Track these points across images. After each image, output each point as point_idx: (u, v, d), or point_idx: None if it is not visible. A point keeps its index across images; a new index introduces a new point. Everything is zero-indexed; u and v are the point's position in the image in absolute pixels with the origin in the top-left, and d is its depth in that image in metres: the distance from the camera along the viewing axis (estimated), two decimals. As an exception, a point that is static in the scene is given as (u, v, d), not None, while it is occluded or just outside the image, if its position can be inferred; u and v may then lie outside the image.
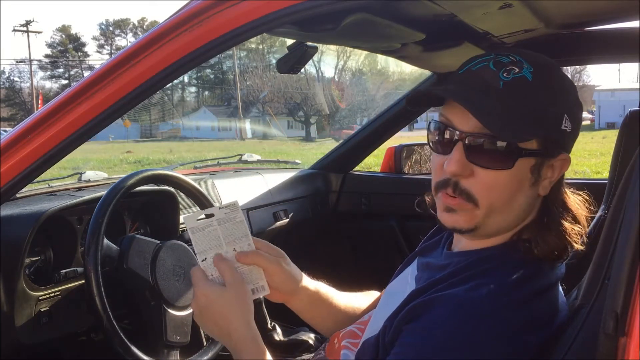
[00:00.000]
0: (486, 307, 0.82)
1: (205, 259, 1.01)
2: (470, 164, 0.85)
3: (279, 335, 1.64)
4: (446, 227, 0.91)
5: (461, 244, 0.98)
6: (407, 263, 1.11)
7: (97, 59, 60.36)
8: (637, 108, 1.67)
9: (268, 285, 1.06)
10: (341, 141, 2.67)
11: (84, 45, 63.30)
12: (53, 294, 1.40)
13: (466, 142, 0.85)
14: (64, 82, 57.68)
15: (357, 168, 2.64)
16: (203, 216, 1.04)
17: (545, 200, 0.90)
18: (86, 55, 62.67)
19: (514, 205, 0.88)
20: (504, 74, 0.85)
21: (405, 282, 1.04)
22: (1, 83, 54.34)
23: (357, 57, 38.18)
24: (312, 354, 1.22)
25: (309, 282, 1.13)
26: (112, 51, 60.42)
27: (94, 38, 67.59)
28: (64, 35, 61.90)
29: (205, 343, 1.58)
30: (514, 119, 0.83)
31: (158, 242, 1.48)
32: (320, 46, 1.57)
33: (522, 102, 0.84)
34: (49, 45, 61.74)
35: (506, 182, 0.85)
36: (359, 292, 1.25)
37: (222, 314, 0.97)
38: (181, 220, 1.77)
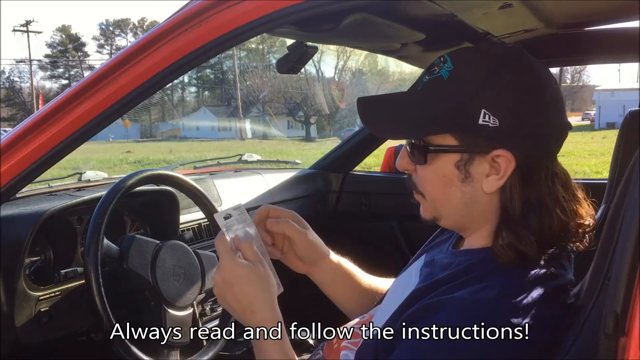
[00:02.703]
0: (491, 310, 0.81)
1: (240, 256, 1.01)
2: (411, 162, 0.94)
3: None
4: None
5: (465, 242, 0.98)
6: (415, 258, 1.11)
7: (97, 59, 60.42)
8: (637, 108, 1.67)
9: (296, 262, 1.13)
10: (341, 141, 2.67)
11: (84, 45, 63.36)
12: (53, 294, 1.40)
13: (407, 143, 0.95)
14: (64, 82, 57.70)
15: (357, 168, 2.64)
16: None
17: (503, 199, 0.89)
18: (86, 55, 62.74)
19: (451, 198, 0.91)
20: (426, 76, 0.92)
21: (409, 277, 1.03)
22: (1, 83, 54.38)
23: (357, 57, 38.18)
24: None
25: (332, 255, 1.17)
26: (112, 51, 60.42)
27: (94, 38, 67.63)
28: (64, 35, 61.90)
29: (205, 343, 1.58)
30: (414, 119, 0.91)
31: (158, 242, 1.48)
32: (320, 46, 1.57)
33: (431, 101, 0.89)
34: (49, 45, 61.81)
35: (431, 176, 0.92)
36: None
37: (246, 291, 0.96)
38: (181, 220, 1.78)
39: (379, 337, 0.92)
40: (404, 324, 0.87)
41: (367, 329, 1.02)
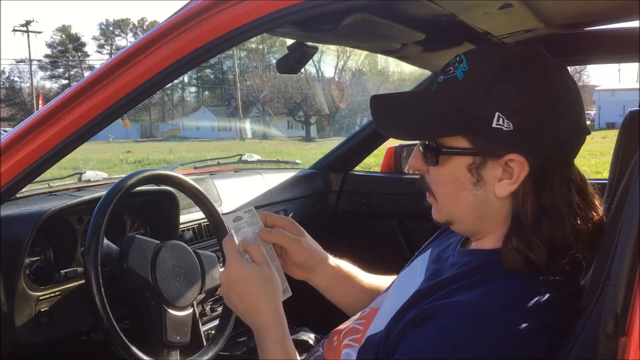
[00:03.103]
0: (495, 315, 0.80)
1: (247, 258, 1.02)
2: (424, 162, 0.93)
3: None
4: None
5: (474, 242, 0.96)
6: (421, 251, 1.10)
7: (97, 59, 60.46)
8: (637, 108, 1.67)
9: (294, 269, 1.11)
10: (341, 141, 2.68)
11: (84, 45, 63.37)
12: (53, 294, 1.40)
13: (421, 143, 0.94)
14: (64, 82, 57.73)
15: (357, 168, 2.64)
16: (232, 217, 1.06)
17: (515, 204, 0.88)
18: (86, 55, 62.75)
19: (462, 202, 0.90)
20: (441, 76, 0.91)
21: (414, 273, 1.03)
22: (1, 83, 54.39)
23: (357, 57, 38.21)
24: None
25: (330, 259, 1.16)
26: (112, 51, 60.44)
27: (94, 38, 67.72)
28: (64, 35, 61.90)
29: (205, 343, 1.58)
30: (427, 119, 0.89)
31: (158, 242, 1.48)
32: (320, 46, 1.57)
33: (444, 102, 0.88)
34: (49, 45, 61.80)
35: (443, 178, 0.91)
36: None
37: (251, 292, 0.97)
38: (181, 220, 1.78)
39: (380, 337, 0.92)
40: (405, 326, 0.86)
41: (367, 328, 1.02)
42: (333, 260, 1.17)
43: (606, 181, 1.75)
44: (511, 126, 0.84)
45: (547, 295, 0.83)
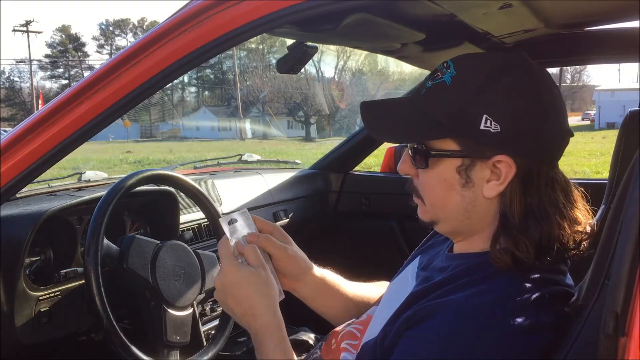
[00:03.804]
0: (487, 314, 0.81)
1: (242, 261, 1.02)
2: (412, 166, 0.94)
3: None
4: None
5: (461, 245, 0.98)
6: (410, 260, 1.11)
7: (97, 59, 60.52)
8: (637, 108, 1.67)
9: (279, 278, 1.08)
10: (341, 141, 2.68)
11: (84, 45, 63.48)
12: (53, 294, 1.40)
13: (410, 147, 0.95)
14: (64, 82, 57.79)
15: (357, 168, 2.64)
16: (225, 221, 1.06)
17: (502, 204, 0.89)
18: (86, 55, 62.83)
19: (451, 203, 0.91)
20: (429, 81, 0.93)
21: (405, 280, 1.03)
22: (1, 83, 54.46)
23: (357, 57, 38.21)
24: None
25: (314, 269, 1.15)
26: (112, 51, 60.49)
27: (94, 38, 67.80)
28: (64, 35, 61.97)
29: (205, 343, 1.58)
30: (416, 123, 0.91)
31: (158, 242, 1.48)
32: (320, 46, 1.57)
33: (433, 106, 0.90)
34: (49, 45, 61.88)
35: (432, 180, 0.92)
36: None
37: (247, 296, 0.96)
38: (181, 220, 1.78)
39: (376, 341, 0.92)
40: (400, 327, 0.87)
41: (364, 334, 1.02)
42: (318, 270, 1.16)
43: (606, 181, 1.75)
44: (498, 128, 0.85)
45: (537, 293, 0.84)
